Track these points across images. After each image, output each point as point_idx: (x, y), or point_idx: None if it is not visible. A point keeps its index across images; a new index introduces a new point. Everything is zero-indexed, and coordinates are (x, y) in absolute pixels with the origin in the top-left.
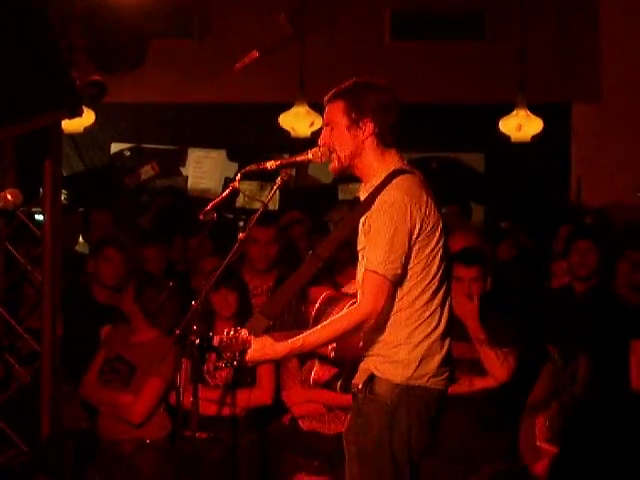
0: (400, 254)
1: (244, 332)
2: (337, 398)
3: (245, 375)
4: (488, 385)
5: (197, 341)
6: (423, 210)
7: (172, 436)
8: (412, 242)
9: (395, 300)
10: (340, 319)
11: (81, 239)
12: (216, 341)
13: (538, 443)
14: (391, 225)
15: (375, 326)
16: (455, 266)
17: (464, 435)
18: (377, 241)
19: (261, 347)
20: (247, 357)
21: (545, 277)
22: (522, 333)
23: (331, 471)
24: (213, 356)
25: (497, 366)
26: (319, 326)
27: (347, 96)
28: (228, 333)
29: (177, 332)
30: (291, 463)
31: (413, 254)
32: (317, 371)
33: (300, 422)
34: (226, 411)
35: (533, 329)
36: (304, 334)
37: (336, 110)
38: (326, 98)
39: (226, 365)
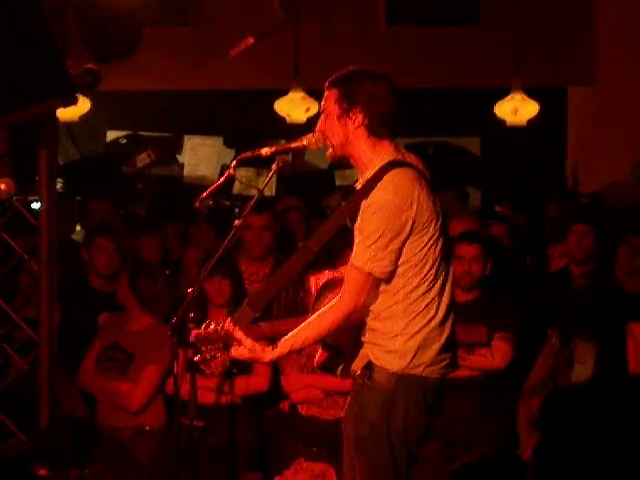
0: (389, 252)
1: (228, 323)
2: (336, 383)
3: (242, 363)
4: (486, 366)
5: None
6: (415, 207)
7: (170, 424)
8: (404, 239)
9: (391, 294)
10: (323, 317)
11: (79, 227)
12: (192, 336)
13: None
14: (381, 226)
15: (371, 315)
16: (456, 245)
17: (462, 419)
18: (367, 239)
19: (250, 352)
20: (234, 353)
21: (542, 260)
22: (521, 317)
23: (330, 456)
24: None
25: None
26: (305, 325)
27: (340, 84)
28: (207, 326)
29: (173, 320)
30: (290, 449)
31: (406, 249)
32: (319, 355)
33: (299, 408)
34: (223, 399)
35: (531, 312)
36: (291, 336)
37: (330, 98)
38: (325, 84)
39: (203, 360)
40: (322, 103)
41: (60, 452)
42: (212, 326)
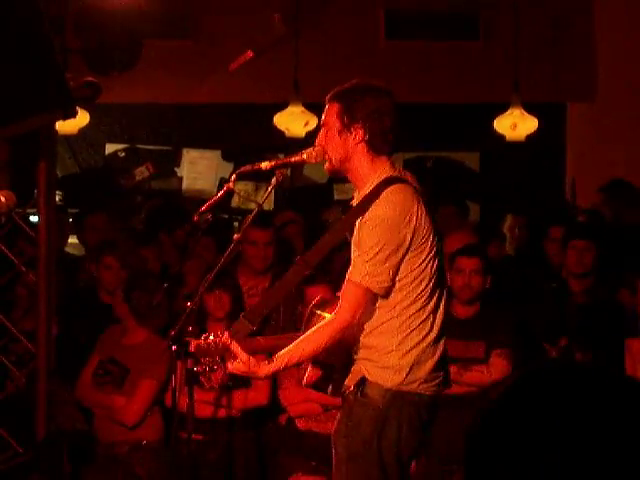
0: (387, 268)
1: (226, 336)
2: (333, 398)
3: (241, 377)
4: (483, 383)
5: (174, 348)
6: (413, 223)
7: (168, 438)
8: (402, 255)
9: (387, 309)
10: (320, 332)
11: (76, 240)
12: (193, 346)
13: None
14: (380, 241)
15: (365, 332)
16: (456, 259)
17: (456, 436)
18: (365, 254)
19: (246, 367)
20: (230, 367)
21: (541, 275)
22: (519, 333)
23: (328, 470)
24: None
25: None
26: (300, 340)
27: (342, 99)
28: (206, 338)
29: (171, 333)
30: (288, 463)
31: (404, 266)
32: (309, 373)
33: (297, 422)
34: (222, 413)
35: (530, 328)
36: (286, 351)
37: (331, 112)
38: (326, 97)
39: (203, 371)
40: (323, 117)
41: (57, 465)
42: (211, 337)
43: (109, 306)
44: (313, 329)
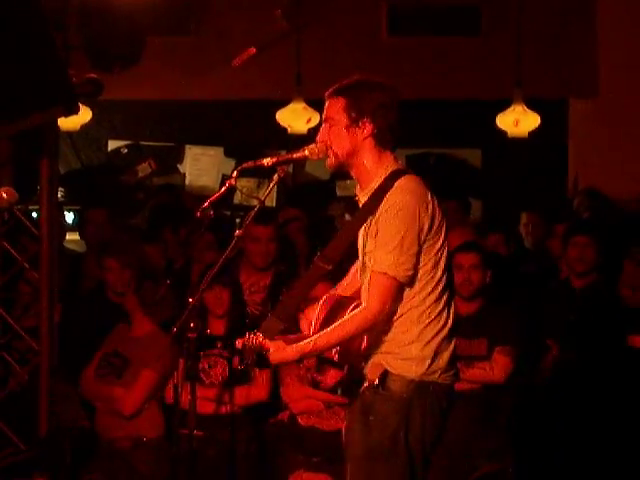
0: (411, 255)
1: (259, 335)
2: (335, 395)
3: (241, 373)
4: (486, 380)
5: (193, 335)
6: (430, 210)
7: (169, 434)
8: (422, 242)
9: (407, 299)
10: (349, 321)
11: (78, 236)
12: (240, 344)
13: None
14: (402, 228)
15: (383, 325)
16: (455, 255)
17: (462, 432)
18: (387, 244)
19: (276, 350)
20: (271, 359)
21: (543, 272)
22: (523, 330)
23: (330, 467)
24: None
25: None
26: (328, 329)
27: (348, 94)
28: (249, 336)
29: (174, 329)
30: (290, 460)
31: (423, 253)
32: (325, 375)
33: (299, 418)
34: (223, 409)
35: (533, 324)
36: (314, 337)
37: (336, 107)
38: (327, 93)
39: (247, 367)
40: (325, 111)
41: (59, 461)
42: (252, 336)
43: (116, 304)
44: (341, 320)
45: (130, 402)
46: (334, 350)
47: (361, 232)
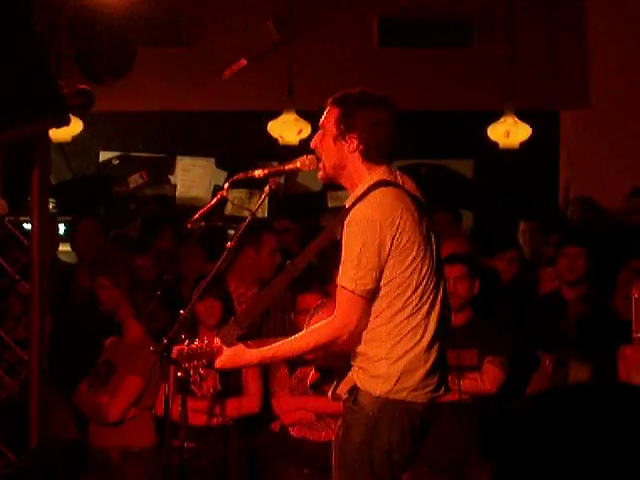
0: (369, 270)
1: (216, 340)
2: (327, 405)
3: (232, 384)
4: (477, 390)
5: (184, 347)
6: (396, 225)
7: (160, 446)
8: (385, 257)
9: (374, 315)
10: (313, 333)
11: (69, 248)
12: (175, 353)
13: None
14: (359, 240)
15: (355, 339)
16: None
17: (452, 443)
18: (347, 256)
19: (232, 355)
20: (216, 364)
21: (534, 283)
22: (514, 341)
23: (322, 478)
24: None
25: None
26: (293, 337)
27: (343, 105)
28: (189, 343)
29: (164, 341)
30: (281, 471)
31: (388, 270)
32: (312, 375)
33: (290, 430)
34: (215, 421)
35: (524, 335)
36: (277, 344)
37: (331, 116)
38: (329, 100)
39: (188, 375)
40: (322, 119)
41: (51, 473)
42: (196, 343)
43: (107, 318)
44: (307, 329)
45: (114, 408)
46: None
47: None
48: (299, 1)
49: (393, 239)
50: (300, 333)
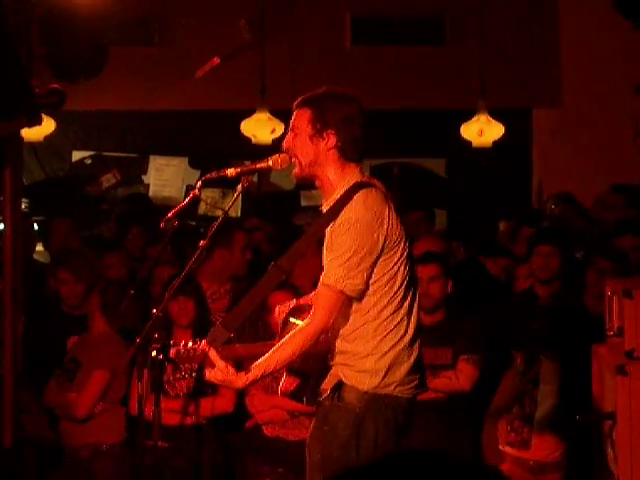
0: (362, 270)
1: (204, 344)
2: (301, 405)
3: (206, 384)
4: (451, 389)
5: (154, 353)
6: (386, 225)
7: (131, 444)
8: (376, 258)
9: (361, 313)
10: (295, 338)
11: (42, 248)
12: (173, 353)
13: (500, 447)
14: (354, 242)
15: (341, 337)
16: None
17: (427, 440)
18: (338, 257)
19: (224, 372)
20: (208, 376)
21: (507, 281)
22: (487, 339)
23: (296, 477)
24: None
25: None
26: (276, 348)
27: (314, 105)
28: (185, 345)
29: (138, 341)
30: (255, 470)
31: (377, 269)
32: (285, 382)
33: (264, 429)
34: (189, 420)
35: (497, 333)
36: (264, 359)
37: (302, 117)
38: (295, 103)
39: (183, 377)
40: (292, 121)
41: (24, 472)
42: (190, 344)
43: (69, 315)
44: (288, 335)
45: (82, 404)
46: None
47: (324, 243)
48: (271, 0)
49: (385, 238)
50: (282, 341)
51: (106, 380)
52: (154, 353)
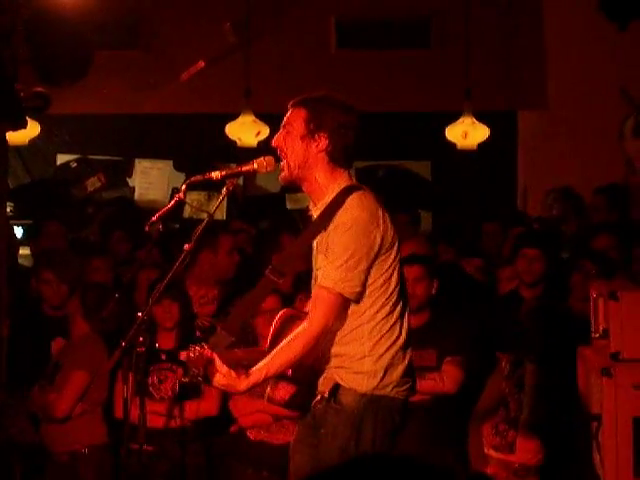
0: (359, 272)
1: (207, 349)
2: (287, 409)
3: (191, 387)
4: (436, 391)
5: (142, 350)
6: (381, 227)
7: (111, 446)
8: (373, 259)
9: (357, 315)
10: (294, 342)
11: (27, 251)
12: (183, 356)
13: (485, 450)
14: (351, 245)
15: (332, 341)
16: None
17: (412, 444)
18: (336, 260)
19: (227, 377)
20: (214, 381)
21: (492, 283)
22: (472, 341)
23: None
24: (155, 368)
25: (441, 387)
26: (276, 351)
27: (311, 106)
28: (194, 349)
29: (122, 344)
30: (239, 474)
31: (374, 270)
32: (281, 390)
33: (248, 432)
34: (173, 423)
35: (481, 335)
36: (264, 362)
37: (297, 116)
38: (291, 102)
39: (191, 381)
40: (285, 119)
41: (7, 476)
42: (197, 349)
43: (51, 318)
44: (288, 339)
45: (61, 404)
46: None
47: (315, 248)
48: (256, 3)
49: (382, 239)
50: (281, 345)
51: (85, 380)
52: (142, 349)
